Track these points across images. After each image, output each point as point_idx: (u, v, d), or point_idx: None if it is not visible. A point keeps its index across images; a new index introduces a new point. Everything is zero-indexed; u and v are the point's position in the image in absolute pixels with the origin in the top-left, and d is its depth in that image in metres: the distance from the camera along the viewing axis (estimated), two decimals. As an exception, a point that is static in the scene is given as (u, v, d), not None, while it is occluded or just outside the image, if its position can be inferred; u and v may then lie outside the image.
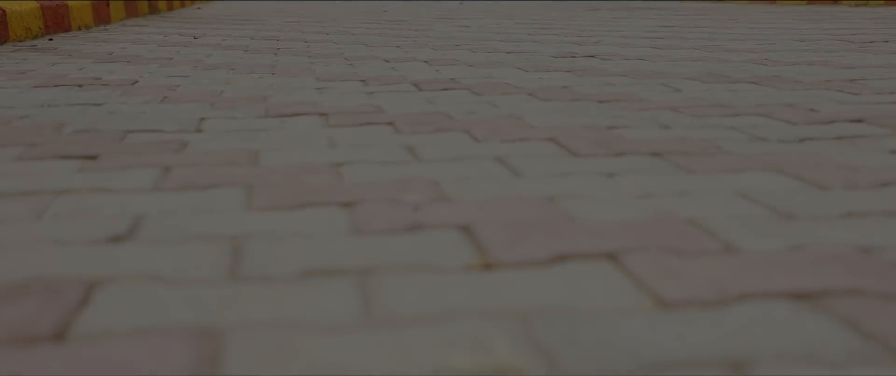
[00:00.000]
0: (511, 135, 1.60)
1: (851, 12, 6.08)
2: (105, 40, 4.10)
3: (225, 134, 1.65)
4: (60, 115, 1.87)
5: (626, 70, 2.62)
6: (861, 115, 1.75)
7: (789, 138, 1.54)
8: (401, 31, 4.69)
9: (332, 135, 1.64)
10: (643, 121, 1.73)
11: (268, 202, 1.14)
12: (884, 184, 1.19)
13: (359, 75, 2.58)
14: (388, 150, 1.48)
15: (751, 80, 2.32)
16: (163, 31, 4.92)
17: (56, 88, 2.33)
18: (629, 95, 2.09)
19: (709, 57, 2.97)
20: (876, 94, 2.04)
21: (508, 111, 1.88)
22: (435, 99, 2.08)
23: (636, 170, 1.31)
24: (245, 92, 2.24)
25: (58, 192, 1.20)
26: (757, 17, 5.72)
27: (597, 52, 3.26)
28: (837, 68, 2.55)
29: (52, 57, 3.22)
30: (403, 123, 1.75)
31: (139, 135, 1.64)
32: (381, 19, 6.14)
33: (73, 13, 4.84)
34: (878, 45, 3.28)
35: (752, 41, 3.64)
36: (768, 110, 1.83)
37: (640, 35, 4.16)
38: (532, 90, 2.21)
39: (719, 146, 1.47)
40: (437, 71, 2.68)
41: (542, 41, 3.84)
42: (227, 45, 3.83)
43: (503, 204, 1.12)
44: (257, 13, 7.53)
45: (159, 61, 3.05)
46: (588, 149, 1.47)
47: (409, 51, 3.41)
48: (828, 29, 4.31)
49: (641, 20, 5.61)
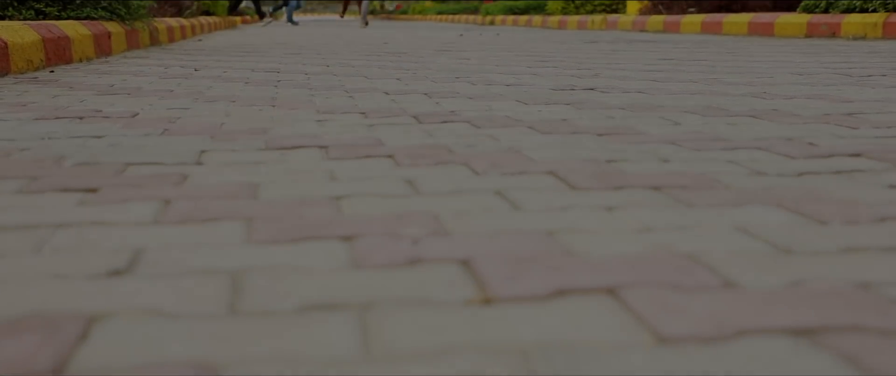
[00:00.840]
0: (511, 169, 1.60)
1: (849, 46, 6.10)
2: (106, 72, 4.12)
3: (225, 167, 1.66)
4: (61, 148, 1.87)
5: (626, 103, 2.63)
6: (859, 150, 1.76)
7: (788, 172, 1.54)
8: (401, 64, 4.71)
9: (332, 168, 1.64)
10: (642, 155, 1.73)
11: (267, 236, 1.14)
12: (883, 219, 1.19)
13: (359, 108, 2.59)
14: (387, 183, 1.49)
15: (749, 114, 2.33)
16: (164, 62, 4.94)
17: (57, 121, 2.33)
18: (628, 129, 2.10)
19: (707, 90, 2.98)
20: (874, 127, 2.05)
21: (508, 144, 1.88)
22: (435, 132, 2.09)
23: (635, 203, 1.31)
24: (245, 124, 2.25)
25: (57, 226, 1.20)
26: (755, 51, 5.74)
27: (596, 84, 3.27)
28: (836, 102, 2.56)
29: (53, 89, 3.23)
30: (403, 156, 1.75)
31: (139, 167, 1.65)
32: (381, 51, 6.17)
33: (75, 45, 4.86)
34: (876, 79, 3.29)
35: (750, 74, 3.65)
36: (767, 144, 1.84)
37: (639, 68, 4.17)
38: (531, 123, 2.22)
39: (718, 180, 1.48)
40: (437, 103, 2.69)
41: (542, 74, 3.86)
42: (227, 77, 3.84)
43: (503, 238, 1.12)
44: (258, 45, 7.56)
45: (160, 93, 3.06)
46: (587, 182, 1.48)
47: (409, 83, 3.43)
48: (826, 62, 4.33)
49: (640, 53, 5.63)
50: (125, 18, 6.35)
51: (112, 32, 5.80)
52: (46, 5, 5.68)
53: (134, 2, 6.54)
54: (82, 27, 5.24)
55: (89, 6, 5.85)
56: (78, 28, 5.13)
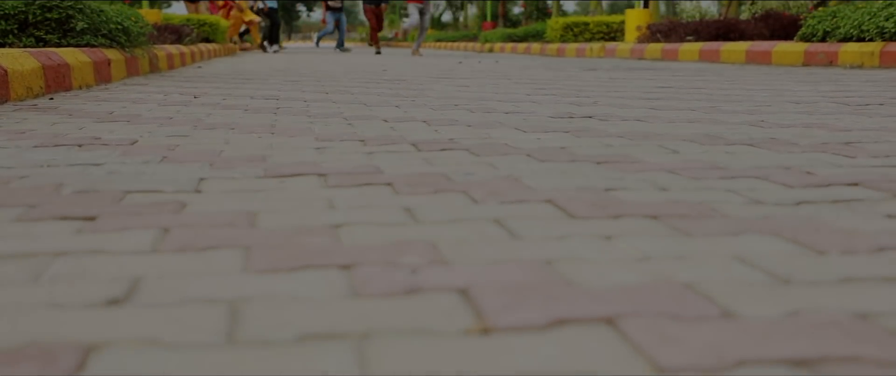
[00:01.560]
0: (509, 197, 1.60)
1: (846, 74, 6.12)
2: (105, 99, 4.13)
3: (224, 195, 1.66)
4: (60, 176, 1.87)
5: (624, 131, 2.64)
6: (857, 179, 1.76)
7: (786, 201, 1.54)
8: (400, 91, 4.72)
9: (331, 196, 1.64)
10: (641, 183, 1.74)
11: (266, 264, 1.14)
12: (881, 249, 1.20)
13: (358, 135, 2.60)
14: (386, 212, 1.49)
15: (747, 143, 2.33)
16: (163, 89, 4.95)
17: (56, 148, 2.34)
18: (626, 157, 2.10)
19: (705, 118, 2.99)
20: (872, 157, 2.05)
21: (507, 172, 1.88)
22: (433, 159, 2.09)
23: (634, 232, 1.32)
24: (244, 152, 2.25)
25: (56, 254, 1.20)
26: (753, 79, 5.76)
27: (594, 112, 3.28)
28: (833, 131, 2.57)
29: (53, 116, 3.24)
30: (402, 184, 1.75)
31: (138, 195, 1.65)
32: (380, 79, 6.18)
33: (75, 72, 4.87)
34: (874, 108, 3.30)
35: (748, 103, 3.66)
36: (765, 173, 1.84)
37: (638, 96, 4.19)
38: (530, 151, 2.22)
39: (716, 209, 1.48)
40: (436, 131, 2.69)
41: (540, 101, 3.87)
42: (227, 104, 3.85)
43: (501, 267, 1.12)
44: (258, 72, 7.57)
45: (159, 120, 3.07)
46: (586, 211, 1.48)
47: (407, 111, 3.43)
48: (823, 91, 4.34)
49: (638, 81, 5.65)
50: (125, 46, 6.37)
51: (112, 59, 5.82)
52: (46, 33, 5.70)
53: (134, 29, 6.56)
54: (82, 54, 5.25)
55: (90, 34, 5.86)
56: (78, 55, 5.14)
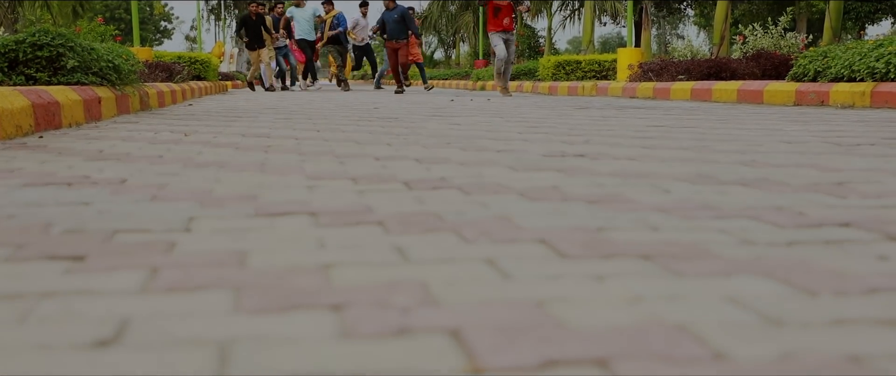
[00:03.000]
0: (501, 237, 1.60)
1: (838, 114, 6.15)
2: (95, 138, 4.12)
3: (213, 234, 1.65)
4: (48, 215, 1.86)
5: (616, 170, 2.64)
6: (849, 220, 1.76)
7: (778, 242, 1.54)
8: (391, 129, 4.73)
9: (322, 235, 1.63)
10: (633, 223, 1.73)
11: (256, 305, 1.13)
12: (873, 291, 1.19)
13: (349, 174, 2.59)
14: (377, 252, 1.48)
15: (739, 182, 2.33)
16: (154, 127, 4.95)
17: (45, 187, 2.33)
18: (618, 196, 2.10)
19: (698, 158, 3.00)
20: (863, 198, 2.06)
21: (498, 212, 1.88)
22: (425, 198, 2.09)
23: (626, 273, 1.31)
24: (235, 190, 2.24)
25: (43, 295, 1.19)
26: (744, 118, 5.78)
27: (586, 151, 3.28)
28: (825, 171, 2.57)
29: (42, 155, 3.23)
30: (393, 224, 1.75)
31: (127, 235, 1.64)
32: (372, 116, 6.19)
33: (65, 110, 4.87)
34: (865, 148, 3.31)
35: (739, 142, 3.67)
36: (757, 213, 1.84)
37: (630, 134, 4.19)
38: (522, 190, 2.22)
39: (708, 249, 1.48)
40: (428, 169, 2.69)
41: (532, 140, 3.87)
42: (217, 142, 3.84)
43: (493, 307, 1.12)
44: (249, 110, 7.58)
45: (149, 159, 3.06)
46: (578, 251, 1.47)
47: (399, 149, 3.43)
48: (815, 131, 4.35)
49: (630, 119, 5.66)
50: (116, 84, 6.38)
51: (102, 97, 5.82)
52: (37, 71, 5.71)
53: (125, 67, 6.57)
54: (72, 92, 5.25)
55: (80, 72, 5.87)
56: (68, 93, 5.14)
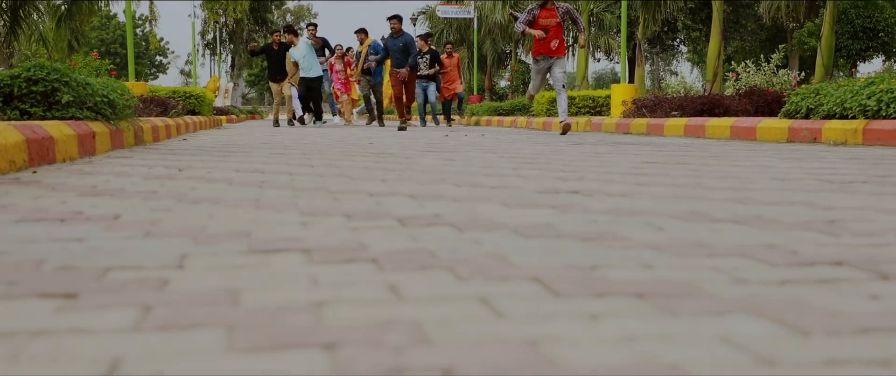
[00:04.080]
0: (494, 275, 1.60)
1: (830, 151, 6.17)
2: (89, 173, 4.12)
3: (207, 271, 1.65)
4: (41, 252, 1.86)
5: (610, 207, 2.64)
6: (842, 258, 1.76)
7: (771, 281, 1.54)
8: (386, 164, 4.73)
9: (315, 272, 1.63)
10: (626, 261, 1.73)
11: (248, 343, 1.13)
12: (865, 331, 1.19)
13: (343, 210, 2.59)
14: (370, 289, 1.48)
15: (732, 220, 2.34)
16: (148, 162, 4.95)
17: (38, 223, 2.32)
18: (612, 234, 2.10)
19: (691, 195, 3.00)
20: (855, 236, 2.06)
21: (492, 249, 1.88)
22: (419, 235, 2.09)
23: (619, 311, 1.31)
24: (228, 227, 2.24)
25: (35, 333, 1.19)
26: (737, 155, 5.79)
27: (580, 187, 3.29)
28: (818, 209, 2.58)
29: (35, 190, 3.23)
30: (387, 261, 1.75)
31: (120, 272, 1.64)
32: (367, 152, 6.20)
33: (59, 145, 4.87)
34: (857, 186, 3.32)
35: (733, 179, 3.68)
36: (750, 251, 1.84)
37: (624, 171, 4.20)
38: (516, 227, 2.22)
39: (701, 288, 1.48)
40: (422, 206, 2.69)
41: (526, 176, 3.88)
42: (211, 177, 3.84)
43: (486, 347, 1.12)
44: (243, 145, 7.59)
45: (143, 194, 3.06)
46: (571, 289, 1.47)
47: (393, 185, 3.44)
48: (807, 168, 4.37)
49: (624, 155, 5.68)
50: (110, 118, 6.39)
51: (96, 132, 5.82)
52: (32, 105, 5.72)
53: (120, 102, 6.58)
54: (67, 127, 5.26)
55: (75, 107, 5.88)
56: (62, 128, 5.15)
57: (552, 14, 10.98)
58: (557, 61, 11.11)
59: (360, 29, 16.96)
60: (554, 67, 11.07)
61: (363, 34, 17.02)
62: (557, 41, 11.03)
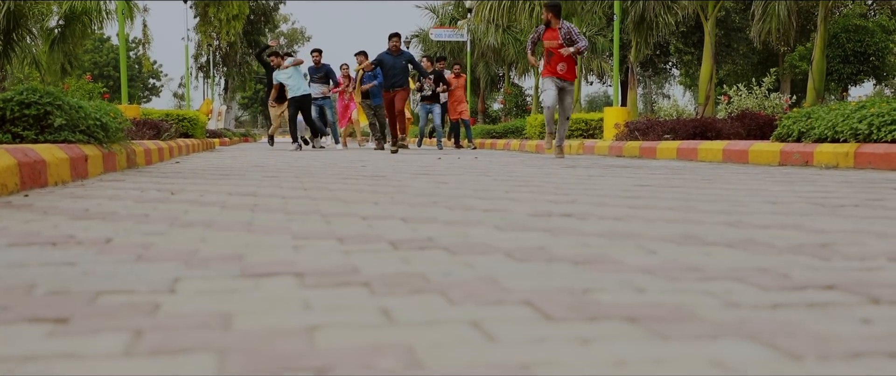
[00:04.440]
0: (487, 299, 1.60)
1: (822, 175, 6.18)
2: (81, 196, 4.11)
3: (198, 295, 1.64)
4: (32, 276, 1.85)
5: (602, 230, 2.64)
6: (833, 282, 1.76)
7: (763, 304, 1.54)
8: (379, 187, 4.73)
9: (307, 296, 1.63)
10: (618, 285, 1.74)
11: (240, 368, 1.13)
12: (856, 355, 1.19)
13: (335, 233, 2.59)
14: (363, 313, 1.48)
15: (725, 243, 2.34)
16: (140, 186, 4.94)
17: (29, 247, 2.32)
18: (604, 257, 2.10)
19: (683, 218, 3.01)
20: (846, 260, 2.06)
21: (484, 272, 1.88)
22: (411, 259, 2.09)
23: (611, 335, 1.31)
24: (220, 250, 2.24)
25: (25, 359, 1.18)
26: (730, 178, 5.81)
27: (573, 211, 3.29)
28: (809, 232, 2.58)
29: (27, 214, 3.22)
30: (379, 285, 1.74)
31: (111, 296, 1.63)
32: (359, 175, 6.20)
33: (51, 169, 4.86)
34: (849, 210, 3.32)
35: (725, 202, 3.68)
36: (742, 275, 1.84)
37: (616, 194, 4.21)
38: (508, 250, 2.22)
39: (693, 312, 1.48)
40: (414, 229, 2.69)
41: (519, 199, 3.88)
42: (204, 201, 3.84)
43: (478, 371, 1.11)
44: (236, 168, 7.58)
45: (135, 218, 3.06)
46: (563, 313, 1.47)
47: (386, 208, 3.43)
48: (799, 192, 4.37)
49: (617, 179, 5.68)
50: (103, 142, 6.38)
51: (89, 155, 5.82)
52: (24, 129, 5.72)
53: (113, 125, 6.58)
54: (59, 151, 5.25)
55: (68, 130, 5.88)
56: (55, 151, 5.14)
57: (554, 35, 10.72)
58: (568, 89, 10.78)
59: (360, 52, 16.83)
60: (564, 95, 10.75)
61: (363, 56, 16.79)
62: (565, 65, 10.64)
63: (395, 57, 14.45)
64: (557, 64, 10.59)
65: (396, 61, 14.40)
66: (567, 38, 10.61)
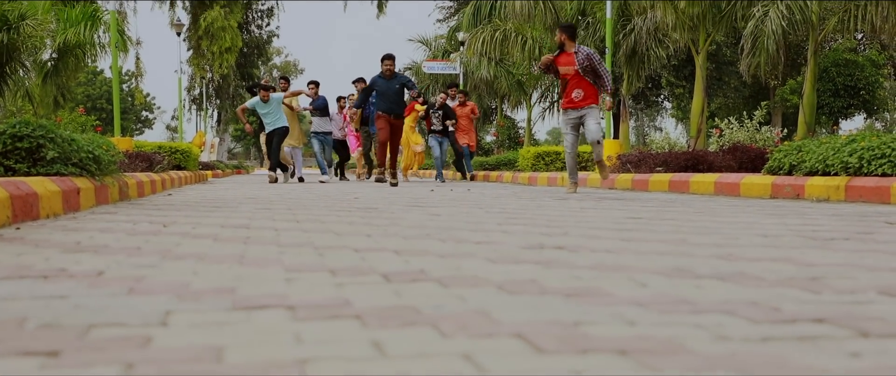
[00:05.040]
0: (478, 331, 1.60)
1: (813, 208, 6.20)
2: (73, 229, 4.11)
3: (190, 328, 1.65)
4: (23, 309, 1.85)
5: (594, 263, 2.65)
6: (823, 315, 1.77)
7: (753, 337, 1.55)
8: (371, 220, 4.73)
9: (299, 329, 1.63)
10: (609, 317, 1.74)
11: (230, 402, 1.13)
12: (847, 388, 1.20)
13: (328, 266, 2.60)
14: (354, 346, 1.48)
15: (716, 276, 2.35)
16: (132, 218, 4.94)
17: (21, 280, 2.32)
18: (596, 290, 2.11)
19: (675, 251, 3.01)
20: (837, 293, 2.07)
21: (476, 305, 1.88)
22: (403, 291, 2.09)
23: (602, 368, 1.31)
24: (212, 283, 2.24)
25: (17, 391, 1.18)
26: (721, 211, 5.82)
27: (565, 243, 3.30)
28: (800, 266, 2.59)
29: (19, 247, 3.22)
30: (371, 317, 1.75)
31: (103, 329, 1.63)
32: (352, 207, 6.20)
33: (43, 202, 4.86)
34: (839, 243, 3.34)
35: (716, 235, 3.69)
36: (732, 308, 1.85)
37: (608, 226, 4.22)
38: (500, 283, 2.23)
39: (684, 344, 1.48)
40: (407, 262, 2.70)
41: (511, 231, 3.89)
42: (196, 233, 3.84)
43: (468, 405, 1.12)
44: (228, 200, 7.58)
45: (127, 251, 3.06)
46: (554, 345, 1.48)
47: (378, 240, 3.44)
48: (790, 225, 4.39)
49: (609, 211, 5.70)
50: (95, 174, 6.38)
51: (81, 188, 5.82)
52: (16, 162, 5.72)
53: (105, 158, 6.58)
54: (51, 183, 5.25)
55: (60, 163, 5.88)
56: (47, 184, 5.14)
57: (570, 60, 9.61)
58: (588, 112, 9.60)
59: (358, 79, 16.59)
60: (586, 119, 9.60)
61: (361, 83, 16.35)
62: (581, 91, 9.57)
63: (389, 80, 13.58)
64: (572, 91, 9.61)
65: (390, 85, 13.54)
66: (585, 65, 9.51)
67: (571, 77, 9.60)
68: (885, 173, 7.13)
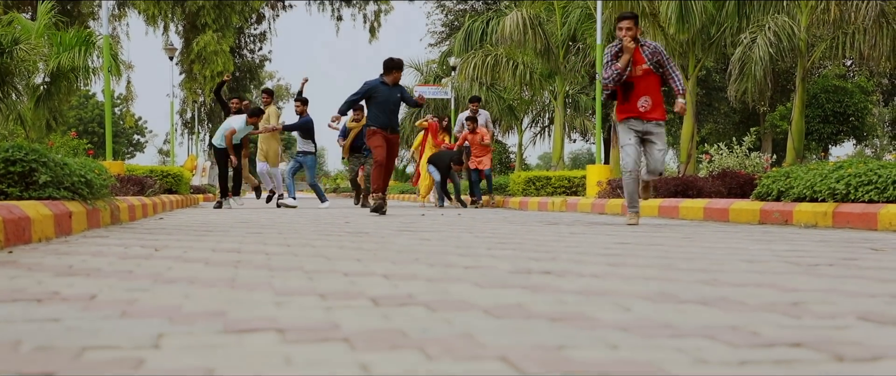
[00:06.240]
0: (463, 354, 1.64)
1: (800, 234, 6.25)
2: (65, 253, 4.14)
3: (182, 351, 1.68)
4: (17, 332, 1.88)
5: (580, 288, 2.69)
6: (801, 339, 1.81)
7: (731, 361, 1.58)
8: (361, 244, 4.76)
9: (288, 352, 1.67)
10: (592, 341, 1.78)
11: (221, 422, 1.16)
12: (818, 409, 1.24)
13: (317, 290, 2.63)
14: (342, 368, 1.52)
15: (699, 301, 2.39)
16: (124, 242, 4.96)
17: (14, 303, 2.35)
18: (581, 314, 2.15)
19: (660, 276, 3.05)
20: (817, 318, 2.11)
21: (462, 329, 1.92)
22: (391, 315, 2.13)
23: (583, 391, 1.35)
24: (204, 306, 2.27)
25: (13, 411, 1.21)
26: (709, 236, 5.86)
27: (553, 268, 3.33)
28: (782, 291, 2.63)
29: (11, 270, 3.24)
30: (359, 340, 1.78)
31: (97, 351, 1.66)
32: (342, 231, 6.23)
33: (35, 225, 4.89)
34: (823, 269, 3.38)
35: (703, 260, 3.73)
36: (713, 332, 1.89)
37: (596, 251, 4.25)
38: (487, 307, 2.26)
39: (663, 368, 1.52)
40: (395, 286, 2.73)
41: (500, 256, 3.92)
42: (187, 257, 3.87)
43: (452, 425, 1.15)
44: (219, 224, 7.60)
45: (119, 274, 3.08)
46: (536, 368, 1.51)
47: (368, 264, 3.47)
48: (777, 250, 4.43)
49: (598, 236, 5.74)
50: (87, 198, 6.41)
51: (73, 212, 5.84)
52: (9, 186, 5.74)
53: (97, 181, 6.61)
54: (43, 207, 5.28)
55: (52, 187, 5.90)
56: (39, 208, 5.17)
57: (638, 57, 7.47)
58: (658, 133, 7.54)
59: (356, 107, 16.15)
60: (654, 140, 7.53)
61: (359, 112, 15.99)
62: (649, 99, 7.49)
63: (392, 88, 11.25)
64: (639, 98, 7.48)
65: (392, 93, 11.23)
66: (654, 60, 7.50)
67: (639, 80, 7.52)
68: (871, 199, 7.19)
